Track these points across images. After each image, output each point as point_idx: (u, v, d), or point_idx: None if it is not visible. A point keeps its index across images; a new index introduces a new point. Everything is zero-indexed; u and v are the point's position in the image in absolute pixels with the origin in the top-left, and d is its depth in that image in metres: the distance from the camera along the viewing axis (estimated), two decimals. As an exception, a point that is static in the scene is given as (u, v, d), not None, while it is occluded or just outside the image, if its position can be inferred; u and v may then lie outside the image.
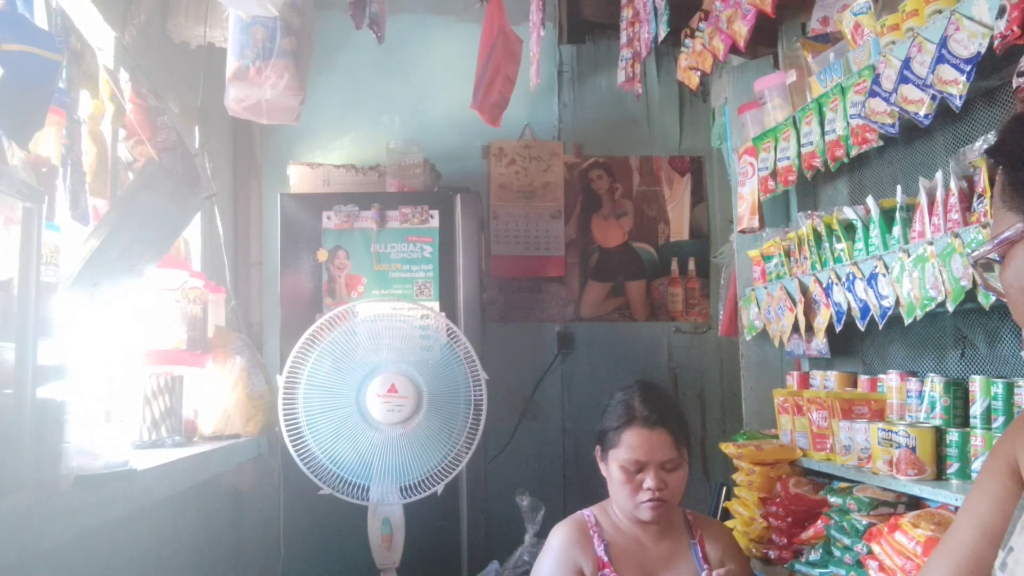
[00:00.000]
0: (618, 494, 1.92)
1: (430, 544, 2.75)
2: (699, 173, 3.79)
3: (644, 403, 1.93)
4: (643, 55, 2.84)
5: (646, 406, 1.92)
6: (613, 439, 1.93)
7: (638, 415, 1.91)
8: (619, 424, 1.92)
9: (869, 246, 2.02)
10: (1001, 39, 1.52)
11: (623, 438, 1.90)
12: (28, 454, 1.26)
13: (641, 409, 1.92)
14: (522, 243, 3.65)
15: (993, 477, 1.02)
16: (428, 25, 3.71)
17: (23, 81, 1.38)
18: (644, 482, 1.87)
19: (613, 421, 1.95)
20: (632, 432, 1.90)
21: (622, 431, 1.91)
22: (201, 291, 2.41)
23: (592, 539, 1.93)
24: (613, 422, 1.94)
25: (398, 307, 2.58)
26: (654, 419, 1.90)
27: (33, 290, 1.30)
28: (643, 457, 1.88)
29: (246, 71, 2.37)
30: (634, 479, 1.89)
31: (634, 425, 1.90)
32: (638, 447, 1.88)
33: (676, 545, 1.96)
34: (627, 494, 1.89)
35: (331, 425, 2.42)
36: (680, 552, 1.95)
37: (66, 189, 1.71)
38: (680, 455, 1.91)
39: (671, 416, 1.94)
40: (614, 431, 1.93)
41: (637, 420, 1.90)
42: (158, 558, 2.04)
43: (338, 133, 3.64)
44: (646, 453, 1.88)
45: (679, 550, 1.95)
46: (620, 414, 1.94)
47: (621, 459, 1.90)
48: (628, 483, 1.89)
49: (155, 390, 2.14)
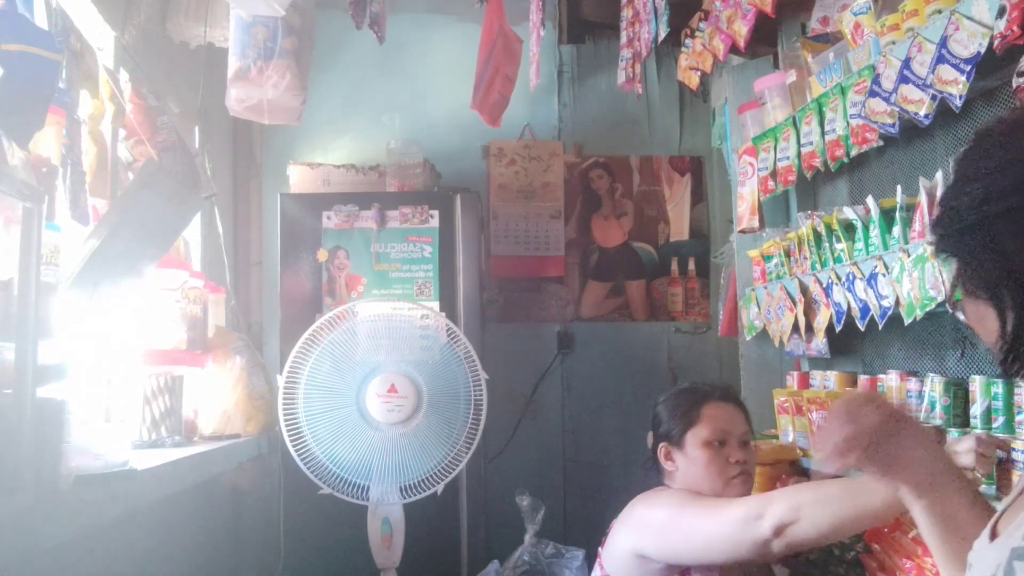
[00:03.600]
0: (705, 474, 1.82)
1: (430, 544, 2.75)
2: (699, 173, 3.79)
3: (709, 383, 1.93)
4: (643, 55, 2.84)
5: (713, 384, 1.93)
6: (689, 419, 1.86)
7: (711, 389, 1.90)
8: (694, 401, 1.88)
9: (869, 246, 2.02)
10: (1001, 39, 1.52)
11: (703, 413, 1.85)
12: (28, 454, 1.26)
13: (711, 386, 1.92)
14: (522, 243, 3.65)
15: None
16: (428, 25, 3.72)
17: (23, 81, 1.38)
18: (730, 455, 1.81)
19: (682, 407, 1.89)
20: (712, 405, 1.86)
21: (700, 407, 1.86)
22: (201, 291, 2.41)
23: None
24: (683, 408, 1.88)
25: (398, 307, 2.58)
26: (726, 393, 1.91)
27: (33, 290, 1.30)
28: (726, 426, 1.84)
29: (248, 71, 2.37)
30: (720, 454, 1.82)
31: (712, 398, 1.87)
32: (720, 416, 1.84)
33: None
34: (717, 471, 1.81)
35: (331, 425, 2.42)
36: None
37: (66, 189, 1.71)
38: (751, 430, 1.90)
39: (735, 392, 1.95)
40: (687, 412, 1.87)
41: (714, 393, 1.89)
42: (158, 558, 2.04)
43: (338, 133, 3.65)
44: (728, 422, 1.84)
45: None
46: (688, 398, 1.90)
47: (704, 435, 1.83)
48: (716, 459, 1.81)
49: (155, 390, 2.14)
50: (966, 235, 0.88)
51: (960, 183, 0.90)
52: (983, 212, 0.86)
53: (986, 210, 0.85)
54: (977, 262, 0.88)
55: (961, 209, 0.88)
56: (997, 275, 0.86)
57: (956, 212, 0.89)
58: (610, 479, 3.46)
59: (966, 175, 0.90)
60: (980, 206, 0.86)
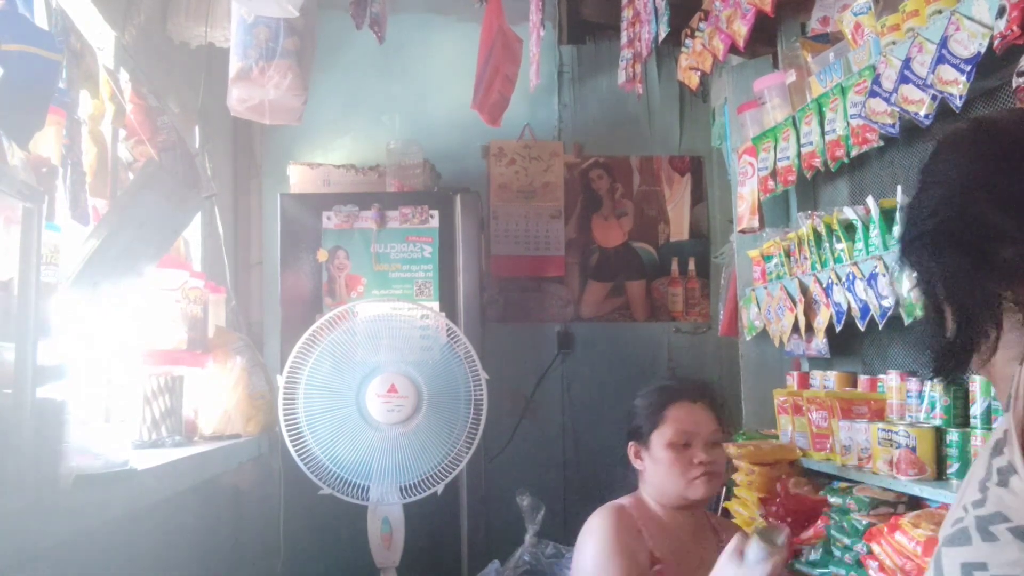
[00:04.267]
0: (667, 476, 1.83)
1: (430, 544, 2.75)
2: (699, 173, 3.79)
3: (683, 381, 1.95)
4: (643, 55, 2.85)
5: (685, 382, 1.94)
6: (654, 420, 1.86)
7: (679, 389, 1.89)
8: (661, 401, 1.87)
9: (869, 246, 2.02)
10: (1001, 39, 1.52)
11: (667, 414, 1.85)
12: (28, 454, 1.26)
13: (681, 384, 1.91)
14: (522, 243, 3.65)
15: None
16: (428, 25, 3.71)
17: (23, 81, 1.38)
18: (694, 456, 1.81)
19: (651, 406, 1.89)
20: (676, 406, 1.85)
21: (665, 407, 1.86)
22: (201, 291, 2.41)
23: (640, 532, 1.84)
24: (652, 405, 1.89)
25: (398, 307, 2.58)
26: (696, 393, 1.89)
27: (33, 290, 1.30)
28: (691, 428, 1.83)
29: (249, 71, 2.37)
30: (683, 455, 1.82)
31: (678, 399, 1.87)
32: (685, 419, 1.84)
33: (707, 548, 1.92)
34: (679, 472, 1.81)
35: (331, 425, 2.42)
36: (711, 557, 1.91)
37: (66, 189, 1.71)
38: (721, 430, 1.88)
39: (710, 391, 1.92)
40: (654, 412, 1.87)
41: (681, 393, 1.88)
42: (158, 558, 2.04)
43: (338, 133, 3.65)
44: (693, 424, 1.83)
45: (709, 553, 1.92)
46: (658, 395, 1.90)
47: (668, 436, 1.83)
48: (679, 460, 1.81)
49: (155, 390, 2.14)
50: (915, 244, 0.90)
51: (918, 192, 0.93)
52: (927, 224, 0.88)
53: (928, 222, 0.88)
54: (921, 272, 0.90)
55: (914, 218, 0.91)
56: (937, 286, 0.88)
57: (911, 221, 0.92)
58: (610, 479, 3.45)
59: (925, 182, 0.92)
60: (928, 217, 0.88)
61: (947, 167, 0.89)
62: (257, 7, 2.23)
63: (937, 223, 0.87)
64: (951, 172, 0.88)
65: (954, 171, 0.88)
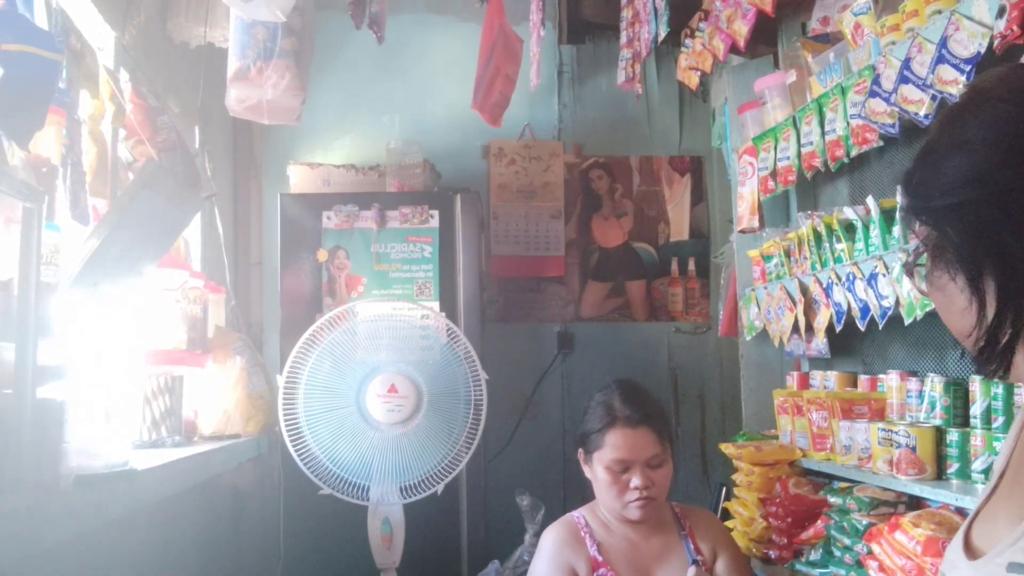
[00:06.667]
0: (605, 495, 1.92)
1: (430, 544, 2.75)
2: (699, 173, 3.79)
3: (625, 403, 1.92)
4: (643, 55, 2.85)
5: (627, 405, 1.92)
6: (596, 441, 1.91)
7: (620, 415, 1.90)
8: (601, 426, 1.91)
9: (869, 246, 2.02)
10: (1001, 39, 1.52)
11: (606, 439, 1.89)
12: (28, 454, 1.26)
13: (622, 409, 1.91)
14: (522, 243, 3.65)
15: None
16: (428, 25, 3.71)
17: (23, 81, 1.38)
18: (631, 481, 1.87)
19: (595, 423, 1.93)
20: (615, 432, 1.89)
21: (605, 432, 1.90)
22: (201, 291, 2.41)
23: (584, 540, 1.92)
24: (595, 424, 1.93)
25: (398, 307, 2.58)
26: (636, 418, 1.90)
27: (33, 290, 1.30)
28: (628, 456, 1.87)
29: (247, 71, 2.37)
30: (620, 479, 1.88)
31: (616, 425, 1.89)
32: (622, 446, 1.88)
33: (667, 539, 1.96)
34: (614, 495, 1.89)
35: (331, 425, 2.42)
36: (672, 546, 1.95)
37: (66, 189, 1.71)
38: (664, 451, 1.91)
39: (652, 413, 1.93)
40: (596, 433, 1.92)
41: (619, 420, 1.90)
42: (158, 558, 2.04)
43: (338, 133, 3.65)
44: (631, 452, 1.87)
45: (671, 544, 1.95)
46: (601, 415, 1.93)
47: (606, 460, 1.89)
48: (615, 484, 1.88)
49: (155, 390, 2.14)
50: (954, 208, 0.76)
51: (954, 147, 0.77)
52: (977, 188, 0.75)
53: (980, 187, 0.74)
54: (961, 239, 0.76)
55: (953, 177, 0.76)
56: (983, 257, 0.75)
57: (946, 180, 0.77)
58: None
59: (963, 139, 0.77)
60: (979, 179, 0.74)
61: (992, 121, 0.75)
62: (246, 11, 2.23)
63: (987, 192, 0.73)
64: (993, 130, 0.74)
65: (1004, 126, 0.74)
